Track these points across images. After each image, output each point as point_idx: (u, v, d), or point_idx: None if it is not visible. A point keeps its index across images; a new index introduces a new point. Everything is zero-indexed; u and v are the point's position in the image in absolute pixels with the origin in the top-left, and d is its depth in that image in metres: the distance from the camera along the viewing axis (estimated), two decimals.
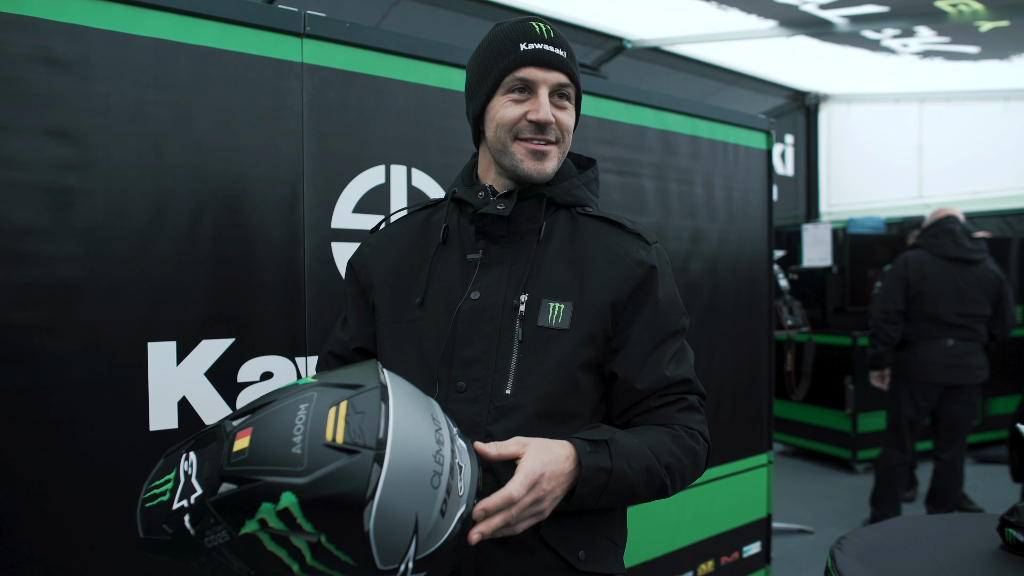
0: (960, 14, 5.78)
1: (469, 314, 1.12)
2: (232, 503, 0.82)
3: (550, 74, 1.10)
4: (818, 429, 5.59)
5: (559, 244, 1.16)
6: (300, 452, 0.81)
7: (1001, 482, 4.62)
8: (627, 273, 1.13)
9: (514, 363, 1.09)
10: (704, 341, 2.74)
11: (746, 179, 2.92)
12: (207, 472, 0.86)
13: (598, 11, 6.22)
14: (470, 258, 1.16)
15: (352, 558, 0.82)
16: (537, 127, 1.10)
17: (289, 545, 0.82)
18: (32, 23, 1.41)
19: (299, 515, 0.80)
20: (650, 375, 1.12)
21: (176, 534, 0.86)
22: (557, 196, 1.17)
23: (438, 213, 1.25)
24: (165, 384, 1.55)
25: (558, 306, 1.10)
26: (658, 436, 1.10)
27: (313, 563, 0.82)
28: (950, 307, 3.81)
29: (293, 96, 1.72)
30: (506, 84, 1.11)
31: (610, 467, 1.01)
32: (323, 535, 0.81)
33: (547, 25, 1.13)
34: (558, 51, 1.11)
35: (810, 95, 8.95)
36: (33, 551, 1.43)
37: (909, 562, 1.47)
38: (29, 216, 1.41)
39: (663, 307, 1.15)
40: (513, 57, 1.10)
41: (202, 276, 1.60)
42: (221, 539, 0.83)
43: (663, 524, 2.62)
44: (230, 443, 0.86)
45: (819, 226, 5.79)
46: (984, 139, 8.12)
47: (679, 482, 1.12)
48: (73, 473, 1.46)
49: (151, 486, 0.91)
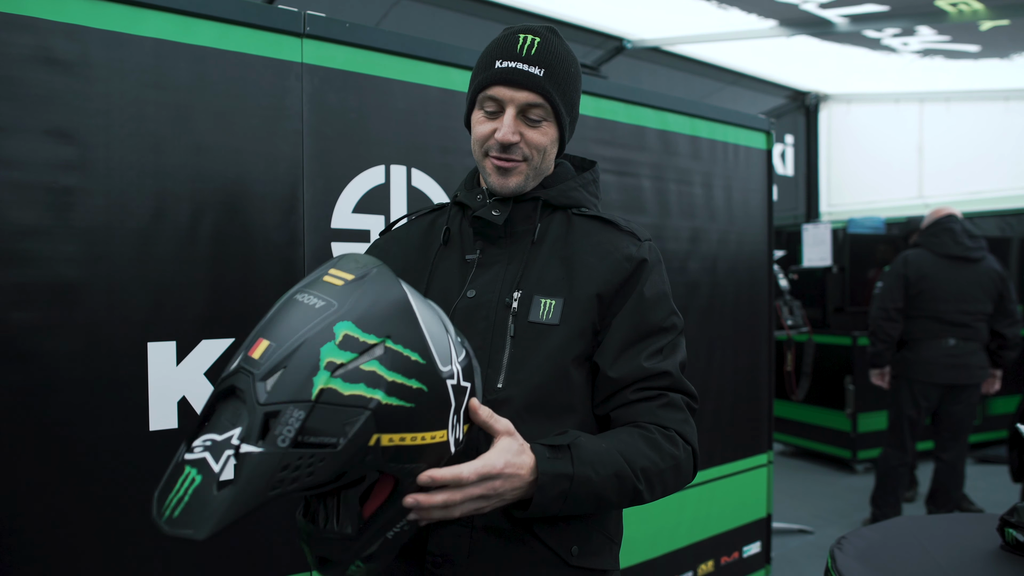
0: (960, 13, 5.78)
1: (464, 311, 1.15)
2: (290, 376, 0.78)
3: (518, 93, 1.11)
4: (818, 429, 5.59)
5: (553, 243, 1.18)
6: (325, 302, 0.84)
7: (1001, 482, 4.61)
8: (615, 267, 1.14)
9: (506, 358, 1.11)
10: (704, 341, 2.74)
11: (746, 179, 2.92)
12: (234, 409, 0.80)
13: (598, 11, 6.22)
14: (468, 258, 1.20)
15: (420, 355, 0.86)
16: (501, 146, 1.12)
17: (364, 374, 0.81)
18: (32, 23, 1.41)
19: (360, 333, 0.82)
20: (626, 364, 1.12)
21: (243, 469, 0.74)
22: (552, 198, 1.20)
23: (442, 217, 1.29)
24: (165, 384, 1.55)
25: (549, 302, 1.13)
26: (629, 438, 1.08)
27: (393, 376, 0.83)
28: (951, 305, 3.80)
29: (293, 96, 1.72)
30: (479, 100, 1.15)
31: (571, 473, 0.99)
32: (388, 338, 0.84)
33: (535, 37, 1.13)
34: (532, 69, 1.11)
35: (810, 95, 8.95)
36: (33, 551, 1.43)
37: (909, 562, 1.47)
38: (29, 216, 1.41)
39: (649, 301, 1.14)
40: (486, 75, 1.12)
41: (202, 276, 1.60)
42: (295, 423, 0.77)
43: (662, 524, 2.62)
44: (245, 359, 0.81)
45: (819, 226, 5.79)
46: (984, 139, 8.12)
47: (658, 487, 1.09)
48: (73, 473, 1.46)
49: (168, 501, 0.77)
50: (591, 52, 6.75)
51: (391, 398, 0.82)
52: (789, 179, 8.89)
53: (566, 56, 1.15)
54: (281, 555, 1.72)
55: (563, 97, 1.14)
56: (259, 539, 1.68)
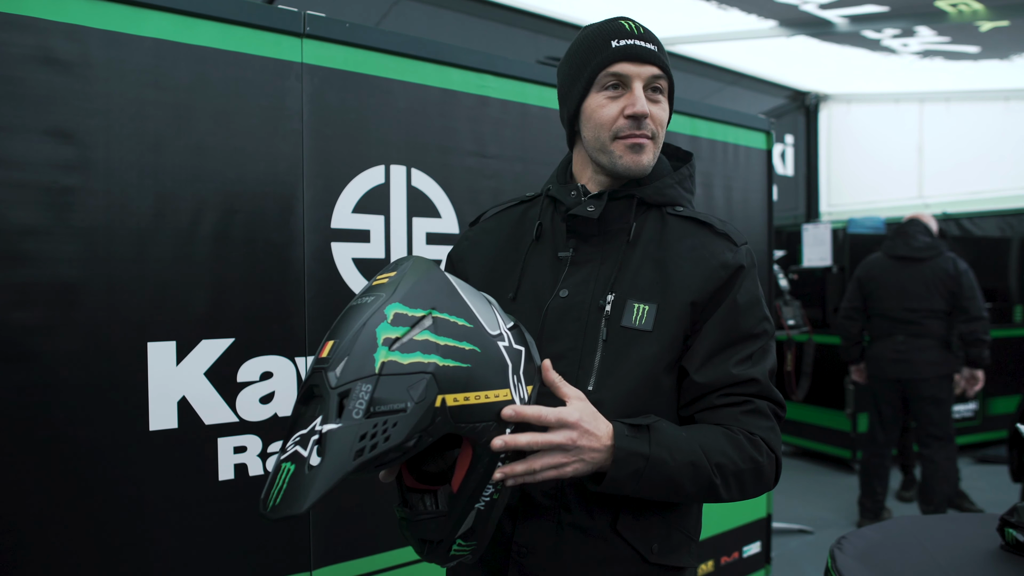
0: (960, 14, 5.79)
1: (557, 311, 1.15)
2: (354, 359, 0.87)
3: (643, 68, 1.11)
4: (818, 429, 5.59)
5: (647, 244, 1.16)
6: (375, 297, 0.94)
7: (1001, 482, 4.61)
8: (710, 274, 1.12)
9: (598, 361, 1.11)
10: None
11: (746, 179, 2.92)
12: (314, 407, 0.88)
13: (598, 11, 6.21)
14: (561, 256, 1.19)
15: (466, 319, 0.95)
16: (634, 121, 1.11)
17: (417, 343, 0.90)
18: (32, 23, 1.41)
19: (408, 309, 0.92)
20: (715, 370, 1.10)
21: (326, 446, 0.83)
22: (648, 196, 1.18)
23: (533, 209, 1.28)
24: (165, 384, 1.55)
25: (642, 307, 1.12)
26: (712, 435, 1.07)
27: (445, 340, 0.91)
28: (896, 303, 4.05)
29: (293, 96, 1.72)
30: (600, 81, 1.13)
31: (647, 453, 1.00)
32: (433, 309, 0.93)
33: (635, 22, 1.15)
34: (649, 45, 1.12)
35: (810, 95, 8.95)
36: (33, 551, 1.43)
37: (909, 562, 1.47)
38: (29, 216, 1.41)
39: (741, 308, 1.13)
40: (606, 54, 1.11)
41: (202, 276, 1.60)
42: (365, 396, 0.85)
43: None
44: (317, 359, 0.91)
45: (819, 226, 5.80)
46: (984, 139, 8.13)
47: (734, 487, 1.08)
48: (73, 473, 1.46)
49: (270, 495, 0.84)
50: None
51: (447, 359, 0.90)
52: (789, 179, 8.89)
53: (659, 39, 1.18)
54: (281, 555, 1.72)
55: (671, 74, 1.16)
56: (259, 539, 1.68)
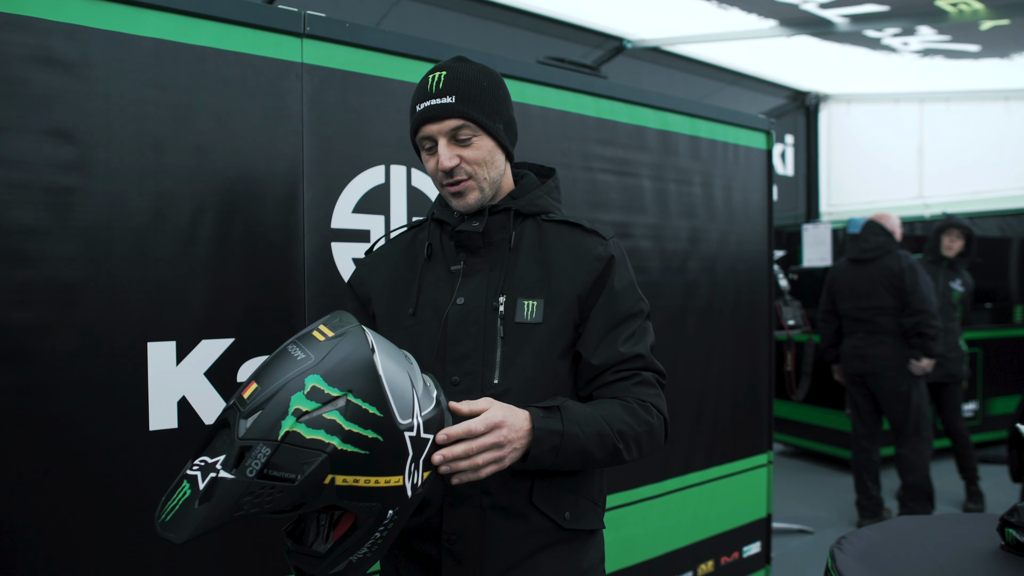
0: (960, 13, 5.79)
1: (456, 317, 1.27)
2: (264, 418, 0.92)
3: (443, 124, 1.23)
4: (818, 429, 5.59)
5: (528, 249, 1.31)
6: (305, 355, 0.97)
7: (1001, 482, 4.61)
8: (588, 267, 1.29)
9: (499, 355, 1.24)
10: (704, 341, 2.74)
11: (746, 179, 2.92)
12: (225, 438, 0.94)
13: (598, 11, 6.22)
14: (453, 269, 1.32)
15: (378, 408, 0.97)
16: (445, 174, 1.25)
17: (324, 422, 0.93)
18: (32, 23, 1.41)
19: (326, 386, 0.95)
20: (605, 351, 1.26)
21: (216, 490, 0.90)
22: (523, 208, 1.33)
23: (421, 233, 1.40)
24: (165, 384, 1.55)
25: (531, 303, 1.27)
26: (610, 406, 1.23)
27: (350, 426, 0.95)
28: (851, 303, 4.23)
29: (293, 96, 1.72)
30: (418, 143, 1.29)
31: (561, 430, 1.14)
32: (349, 392, 0.96)
33: (441, 72, 1.24)
34: (444, 100, 1.22)
35: (810, 95, 8.95)
36: (33, 551, 1.43)
37: (909, 562, 1.47)
38: (29, 216, 1.41)
39: (619, 292, 1.29)
40: (415, 120, 1.26)
41: (202, 276, 1.60)
42: (262, 458, 0.90)
43: (662, 524, 2.62)
44: (238, 397, 0.95)
45: (819, 226, 5.80)
46: (985, 139, 8.13)
47: (634, 448, 1.23)
48: (73, 473, 1.46)
49: (166, 506, 0.93)
50: (591, 52, 6.75)
51: (347, 444, 0.94)
52: (789, 179, 8.90)
53: (476, 76, 1.26)
54: (280, 555, 1.72)
55: (482, 111, 1.24)
56: (259, 539, 1.69)
